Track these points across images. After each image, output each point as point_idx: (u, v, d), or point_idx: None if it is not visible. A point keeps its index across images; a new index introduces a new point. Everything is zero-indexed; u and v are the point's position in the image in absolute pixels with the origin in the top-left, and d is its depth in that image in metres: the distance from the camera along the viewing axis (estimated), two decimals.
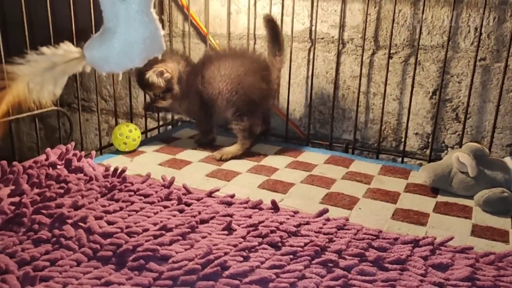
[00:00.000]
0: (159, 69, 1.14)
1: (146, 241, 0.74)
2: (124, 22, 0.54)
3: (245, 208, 0.89)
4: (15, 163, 0.94)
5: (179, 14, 1.49)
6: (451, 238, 0.78)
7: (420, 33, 1.18)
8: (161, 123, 1.51)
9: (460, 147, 1.20)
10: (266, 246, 0.75)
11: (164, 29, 1.29)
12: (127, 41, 0.55)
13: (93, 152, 1.11)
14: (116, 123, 1.28)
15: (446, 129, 1.24)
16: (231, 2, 1.39)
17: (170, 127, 1.54)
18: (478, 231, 0.86)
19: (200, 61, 1.24)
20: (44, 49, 0.56)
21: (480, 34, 1.12)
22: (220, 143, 1.28)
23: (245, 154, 1.20)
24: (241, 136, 1.20)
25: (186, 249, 0.73)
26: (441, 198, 1.00)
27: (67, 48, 0.56)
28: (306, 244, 0.75)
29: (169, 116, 1.55)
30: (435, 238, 0.78)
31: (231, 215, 0.85)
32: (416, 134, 1.28)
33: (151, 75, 1.13)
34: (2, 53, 0.96)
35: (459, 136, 1.22)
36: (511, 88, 1.16)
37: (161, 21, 1.50)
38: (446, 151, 1.26)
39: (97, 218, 0.81)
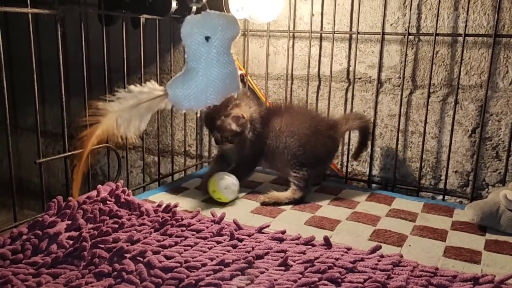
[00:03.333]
0: (237, 114, 1.13)
1: (207, 275, 0.75)
2: (206, 62, 0.58)
3: (297, 244, 0.89)
4: (70, 198, 0.96)
5: None
6: (511, 276, 0.78)
7: (459, 73, 1.21)
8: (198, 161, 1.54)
9: (503, 185, 1.20)
10: (326, 282, 0.75)
11: None
12: (208, 79, 0.58)
13: None
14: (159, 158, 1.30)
15: (486, 167, 1.25)
16: (269, 44, 1.44)
17: (206, 164, 1.57)
18: None
19: (268, 112, 1.23)
20: (132, 87, 0.59)
21: None
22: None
23: (292, 203, 1.14)
24: (295, 186, 1.16)
25: (247, 284, 0.74)
26: (490, 236, 0.99)
27: (152, 86, 0.59)
28: (365, 280, 0.75)
29: (205, 154, 1.58)
30: (494, 276, 0.78)
31: (285, 251, 0.86)
32: (456, 172, 1.29)
33: (230, 123, 1.13)
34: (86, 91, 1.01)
35: (500, 174, 1.22)
36: None
37: None
38: (487, 189, 1.25)
39: (154, 252, 0.83)
